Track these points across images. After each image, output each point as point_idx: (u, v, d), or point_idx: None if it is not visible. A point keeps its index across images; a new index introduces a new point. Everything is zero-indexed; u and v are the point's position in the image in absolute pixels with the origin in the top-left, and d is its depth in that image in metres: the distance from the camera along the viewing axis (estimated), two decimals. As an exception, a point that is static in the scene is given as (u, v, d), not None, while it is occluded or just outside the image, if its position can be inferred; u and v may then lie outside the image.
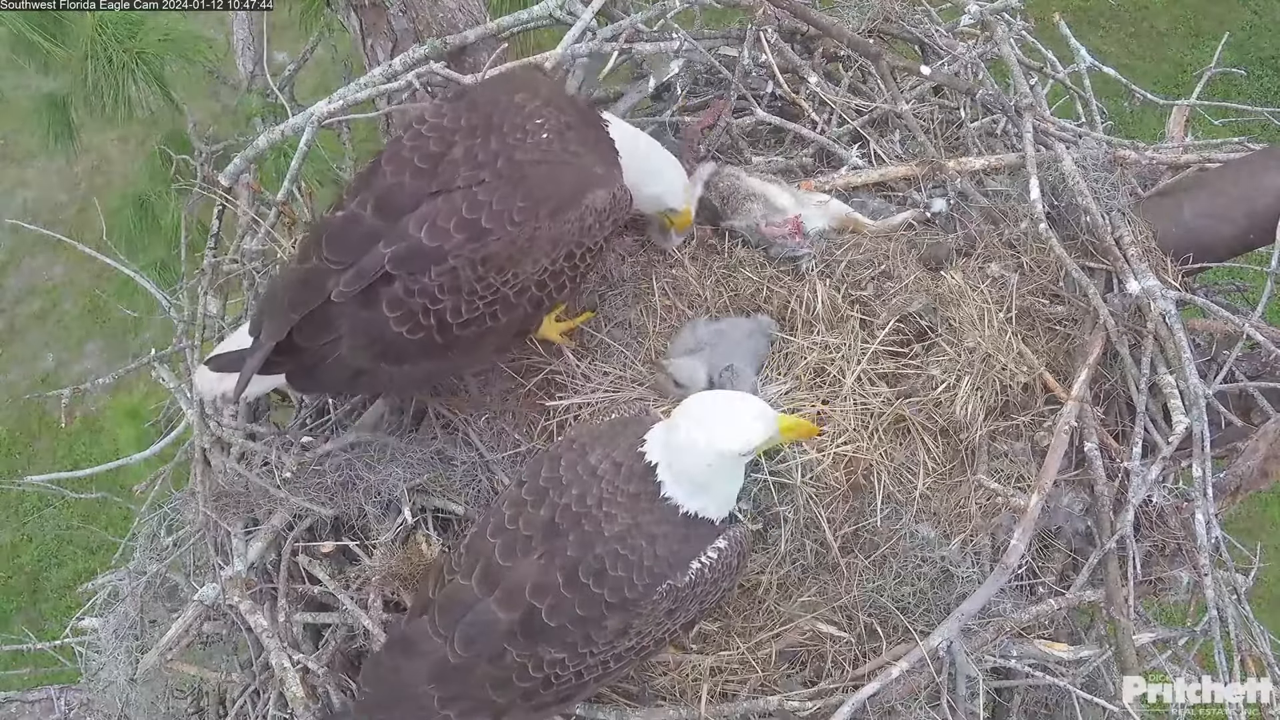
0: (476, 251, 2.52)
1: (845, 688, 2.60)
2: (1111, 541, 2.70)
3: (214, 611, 2.87)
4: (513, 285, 2.58)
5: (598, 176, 2.66)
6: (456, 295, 2.54)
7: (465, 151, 2.58)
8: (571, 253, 2.62)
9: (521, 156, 2.58)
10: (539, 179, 2.57)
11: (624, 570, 2.28)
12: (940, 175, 3.20)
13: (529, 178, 2.56)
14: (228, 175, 3.22)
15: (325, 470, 2.89)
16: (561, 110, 2.67)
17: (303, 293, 2.60)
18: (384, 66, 3.27)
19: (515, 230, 2.53)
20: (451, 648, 2.33)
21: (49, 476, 3.91)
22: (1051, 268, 3.00)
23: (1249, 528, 5.66)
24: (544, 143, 2.61)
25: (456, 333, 2.59)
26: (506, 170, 2.56)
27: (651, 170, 2.90)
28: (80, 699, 3.55)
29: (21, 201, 8.23)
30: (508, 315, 2.63)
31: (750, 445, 2.30)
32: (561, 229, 2.58)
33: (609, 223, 2.67)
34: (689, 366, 2.90)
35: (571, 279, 2.68)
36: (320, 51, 4.69)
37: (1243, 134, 3.58)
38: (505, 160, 2.57)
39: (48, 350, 7.78)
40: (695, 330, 2.98)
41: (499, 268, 2.54)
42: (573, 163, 2.63)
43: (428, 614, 2.40)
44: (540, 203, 2.56)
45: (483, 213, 2.52)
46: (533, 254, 2.57)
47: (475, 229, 2.51)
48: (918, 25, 3.67)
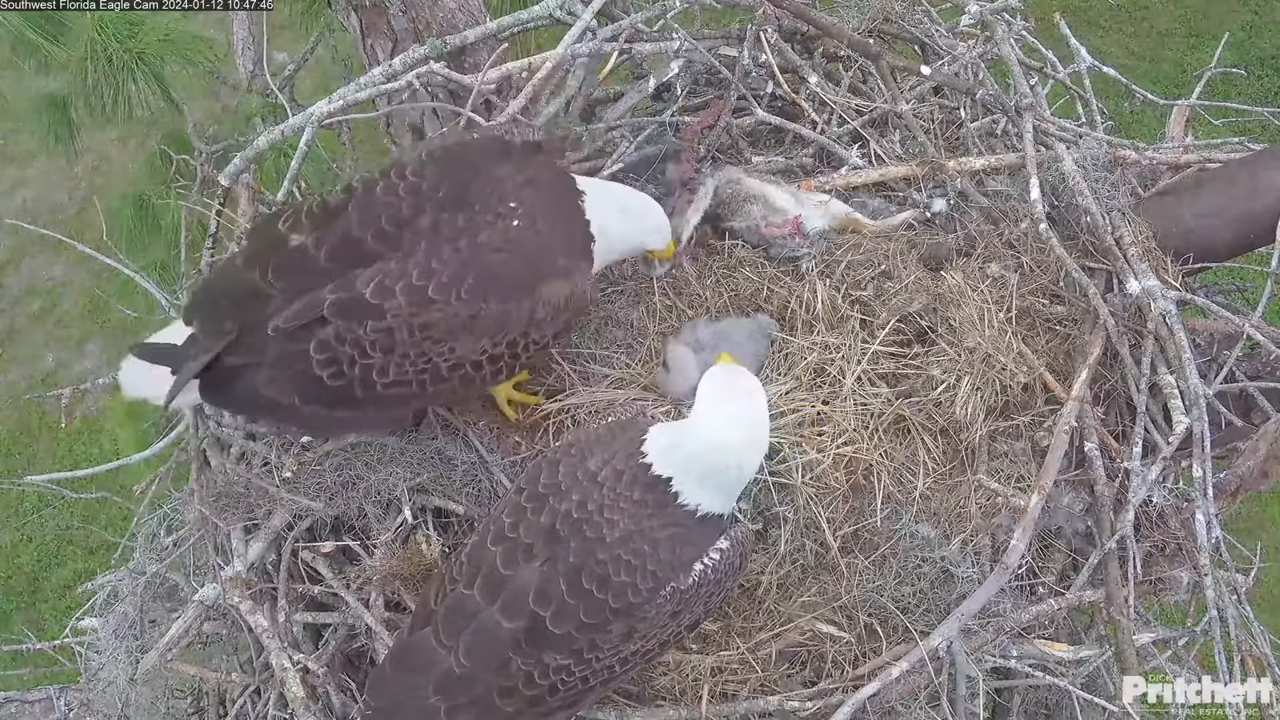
0: (416, 317, 2.50)
1: (845, 688, 2.60)
2: (1111, 541, 2.70)
3: (214, 611, 2.87)
4: (447, 359, 2.56)
5: (559, 268, 2.63)
6: (388, 355, 2.52)
7: (432, 223, 2.56)
8: (515, 341, 2.60)
9: (485, 239, 2.56)
10: (496, 264, 2.55)
11: (627, 575, 2.27)
12: (940, 175, 3.20)
13: (486, 263, 2.55)
14: (228, 175, 3.21)
15: (325, 470, 2.88)
16: (540, 192, 2.65)
17: (241, 309, 2.59)
18: (384, 66, 3.27)
19: (459, 305, 2.51)
20: (456, 658, 2.32)
21: (49, 476, 3.91)
22: (1051, 268, 3.00)
23: (1249, 528, 5.66)
24: (512, 230, 2.58)
25: (379, 391, 2.57)
26: (467, 251, 2.54)
27: (630, 224, 2.86)
28: (80, 699, 3.55)
29: (21, 201, 8.23)
30: (435, 387, 2.61)
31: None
32: (508, 315, 2.56)
33: (562, 319, 2.65)
34: (682, 355, 2.90)
35: (510, 365, 2.66)
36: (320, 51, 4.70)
37: (1243, 134, 3.58)
38: (468, 241, 2.55)
39: (48, 350, 7.78)
40: (695, 331, 2.98)
41: (436, 339, 2.53)
42: (535, 255, 2.60)
43: (431, 624, 2.39)
44: (491, 285, 2.54)
45: (431, 281, 2.50)
46: (474, 332, 2.55)
47: (420, 295, 2.50)
48: (918, 25, 3.67)
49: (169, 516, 3.12)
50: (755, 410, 2.34)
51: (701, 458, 2.31)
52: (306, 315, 2.52)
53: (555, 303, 2.61)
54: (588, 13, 3.28)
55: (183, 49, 3.92)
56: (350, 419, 2.75)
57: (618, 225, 2.80)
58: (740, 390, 2.36)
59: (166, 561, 3.03)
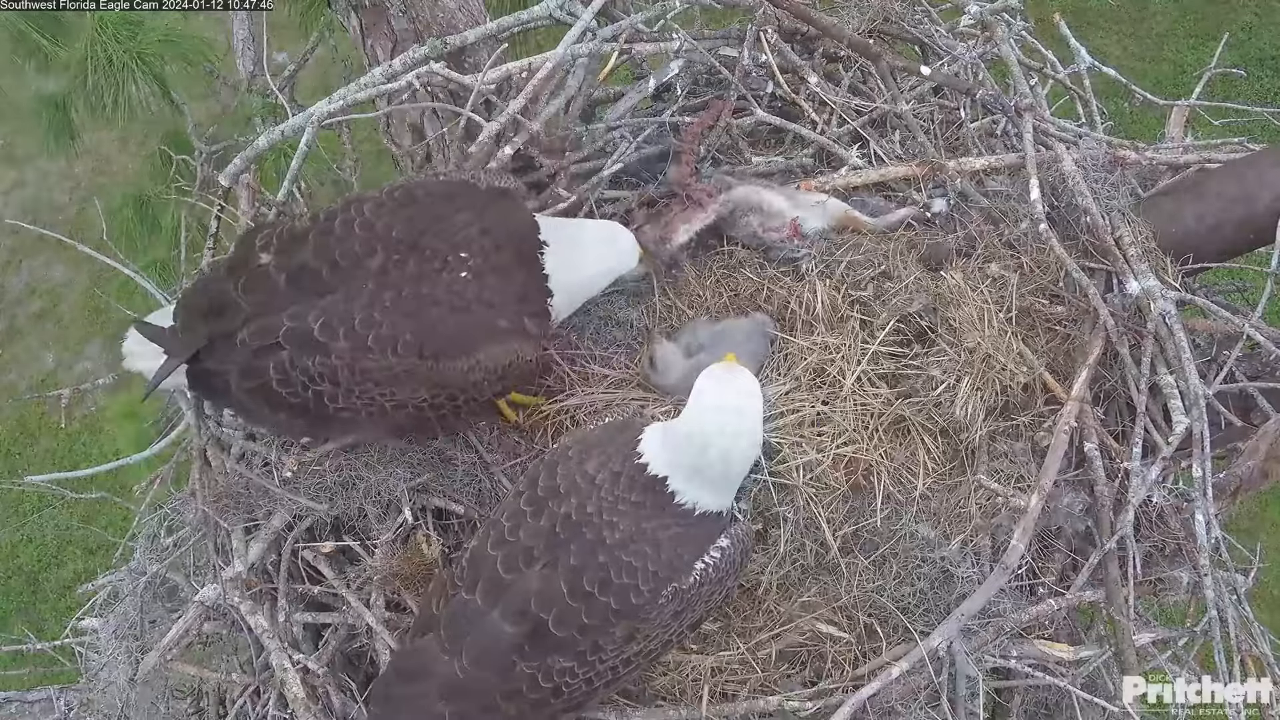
0: (357, 361, 2.54)
1: (845, 688, 2.60)
2: (1111, 541, 2.70)
3: (214, 612, 2.87)
4: (390, 400, 2.60)
5: (500, 332, 2.62)
6: (335, 387, 2.58)
7: (381, 264, 2.58)
8: (454, 395, 2.62)
9: (428, 291, 2.57)
10: (432, 320, 2.57)
11: (629, 577, 2.27)
12: (940, 175, 3.19)
13: (424, 317, 2.56)
14: (228, 175, 3.21)
15: (325, 470, 2.89)
16: (497, 245, 2.64)
17: (217, 317, 2.65)
18: (384, 66, 3.26)
19: (395, 360, 2.55)
20: (459, 664, 2.32)
21: (49, 476, 3.91)
22: (1051, 268, 2.99)
23: (1249, 528, 5.66)
24: (458, 282, 2.59)
25: (331, 413, 2.62)
26: (410, 301, 2.56)
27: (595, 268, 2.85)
28: (80, 699, 3.54)
29: (21, 202, 8.24)
30: (385, 419, 2.66)
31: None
32: (443, 374, 2.58)
33: (502, 382, 2.65)
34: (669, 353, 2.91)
35: (454, 413, 2.69)
36: (320, 51, 4.69)
37: (1243, 134, 3.58)
38: (411, 290, 2.57)
39: (48, 350, 7.78)
40: (696, 332, 2.98)
41: (376, 382, 2.57)
42: (477, 313, 2.60)
43: (433, 631, 2.39)
44: (425, 343, 2.56)
45: (371, 332, 2.53)
46: (410, 385, 2.58)
47: (360, 342, 2.54)
48: (918, 25, 3.67)
49: (169, 517, 3.12)
50: (746, 406, 2.33)
51: (694, 456, 2.31)
52: (266, 338, 2.58)
53: (492, 368, 2.61)
54: (588, 13, 3.28)
55: (183, 49, 3.92)
56: (314, 429, 2.83)
57: (580, 275, 2.79)
58: (733, 388, 2.35)
59: (166, 562, 3.04)
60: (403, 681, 2.41)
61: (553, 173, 3.25)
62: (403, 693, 2.41)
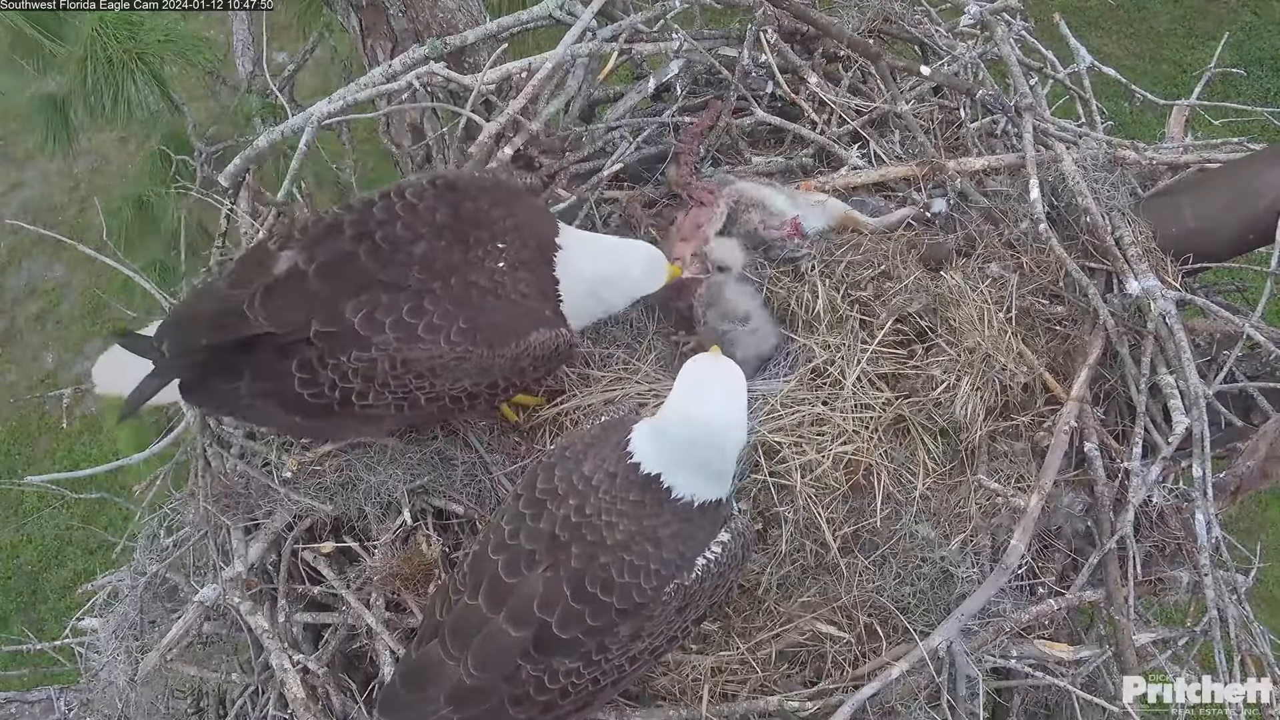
0: (401, 352, 2.52)
1: (845, 688, 2.60)
2: (1111, 541, 2.70)
3: (214, 612, 2.87)
4: (427, 392, 2.58)
5: (545, 318, 2.64)
6: (368, 383, 2.55)
7: (425, 252, 2.56)
8: (496, 383, 2.62)
9: (475, 278, 2.57)
10: (486, 307, 2.57)
11: (631, 576, 2.27)
12: (940, 175, 3.19)
13: (475, 303, 2.56)
14: (228, 175, 3.21)
15: (325, 470, 2.89)
16: (524, 243, 2.65)
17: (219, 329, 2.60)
18: (384, 67, 3.27)
19: (448, 348, 2.53)
20: (466, 669, 2.32)
21: (49, 476, 3.90)
22: (1051, 268, 2.99)
23: (1249, 528, 5.66)
24: (499, 273, 2.59)
25: (357, 410, 2.60)
26: (458, 289, 2.55)
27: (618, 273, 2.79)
28: (80, 699, 3.55)
29: (21, 202, 8.24)
30: (413, 413, 2.65)
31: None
32: (495, 360, 2.57)
33: (544, 367, 2.66)
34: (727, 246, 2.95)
35: (489, 402, 2.69)
36: (320, 51, 4.70)
37: (1243, 134, 3.57)
38: (459, 279, 2.56)
39: (48, 350, 7.78)
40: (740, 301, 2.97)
41: (418, 374, 2.55)
42: (519, 301, 2.61)
43: (438, 637, 2.39)
44: (480, 329, 2.55)
45: (422, 320, 2.52)
46: (456, 374, 2.57)
47: (410, 332, 2.51)
48: (918, 25, 3.67)
49: (169, 517, 3.12)
50: (729, 388, 2.31)
51: (682, 446, 2.31)
52: (289, 338, 2.54)
53: (539, 353, 2.61)
54: (588, 13, 3.28)
55: (183, 49, 3.91)
56: (329, 428, 2.80)
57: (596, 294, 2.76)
58: (713, 375, 2.34)
59: (166, 562, 3.03)
60: (410, 689, 2.41)
61: (553, 173, 3.25)
62: (410, 700, 2.40)
